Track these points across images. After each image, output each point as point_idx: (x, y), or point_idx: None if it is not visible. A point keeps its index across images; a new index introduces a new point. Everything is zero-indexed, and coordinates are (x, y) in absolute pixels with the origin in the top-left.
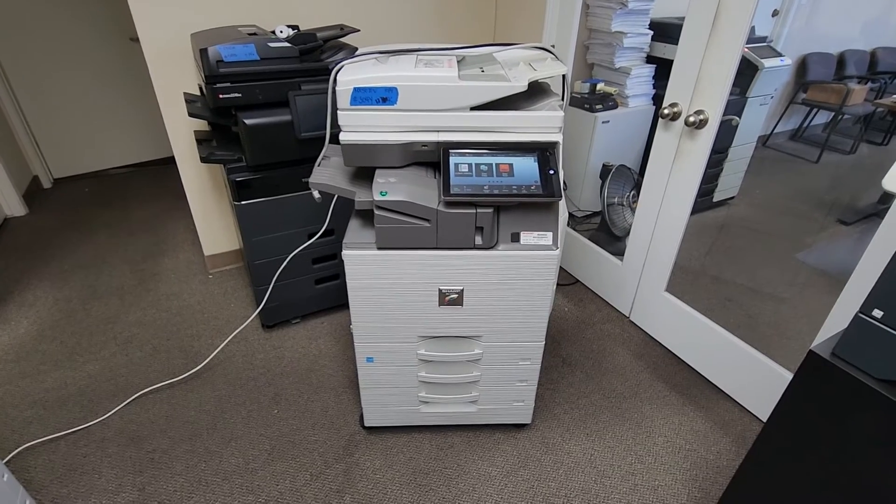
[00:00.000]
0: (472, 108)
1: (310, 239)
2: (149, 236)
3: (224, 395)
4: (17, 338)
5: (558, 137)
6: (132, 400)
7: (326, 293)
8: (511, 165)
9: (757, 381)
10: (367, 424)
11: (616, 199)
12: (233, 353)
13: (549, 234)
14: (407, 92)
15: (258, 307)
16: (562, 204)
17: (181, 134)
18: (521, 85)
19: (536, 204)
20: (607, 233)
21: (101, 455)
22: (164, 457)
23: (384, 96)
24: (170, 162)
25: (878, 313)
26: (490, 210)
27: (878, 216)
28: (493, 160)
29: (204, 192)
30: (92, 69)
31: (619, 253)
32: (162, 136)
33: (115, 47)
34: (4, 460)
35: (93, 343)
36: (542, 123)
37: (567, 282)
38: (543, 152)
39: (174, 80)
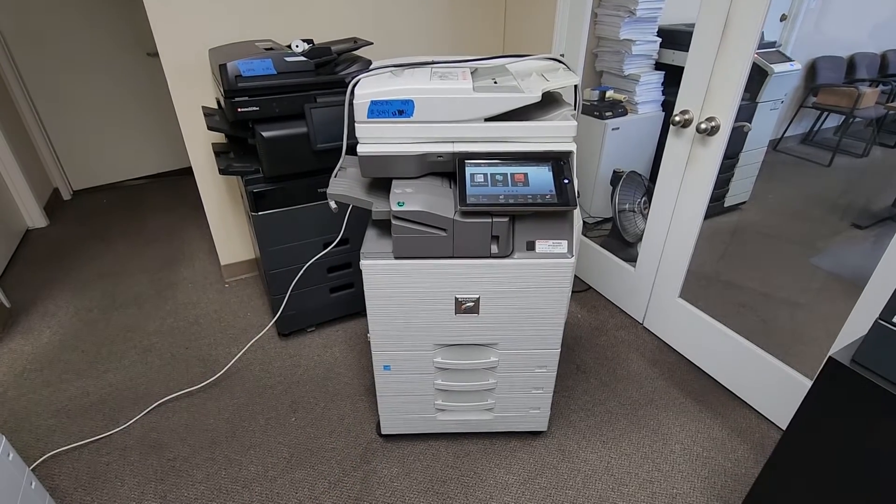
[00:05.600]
0: (487, 119)
1: (325, 248)
2: (166, 246)
3: (242, 403)
4: (40, 347)
5: (572, 147)
6: (152, 408)
7: (341, 301)
8: (526, 175)
9: (774, 387)
10: (383, 432)
11: (627, 206)
12: (250, 362)
13: (565, 243)
14: (423, 104)
15: (274, 316)
16: (576, 212)
17: (199, 146)
18: (534, 96)
19: (551, 212)
20: (619, 239)
21: (123, 463)
22: (184, 465)
23: (401, 109)
24: (185, 173)
25: None
26: (505, 219)
27: (893, 220)
28: (508, 170)
29: (220, 202)
30: (110, 83)
31: (631, 259)
32: (177, 148)
33: (132, 61)
34: (30, 468)
35: (113, 352)
36: (555, 133)
37: (580, 288)
38: (557, 161)
39: (192, 94)
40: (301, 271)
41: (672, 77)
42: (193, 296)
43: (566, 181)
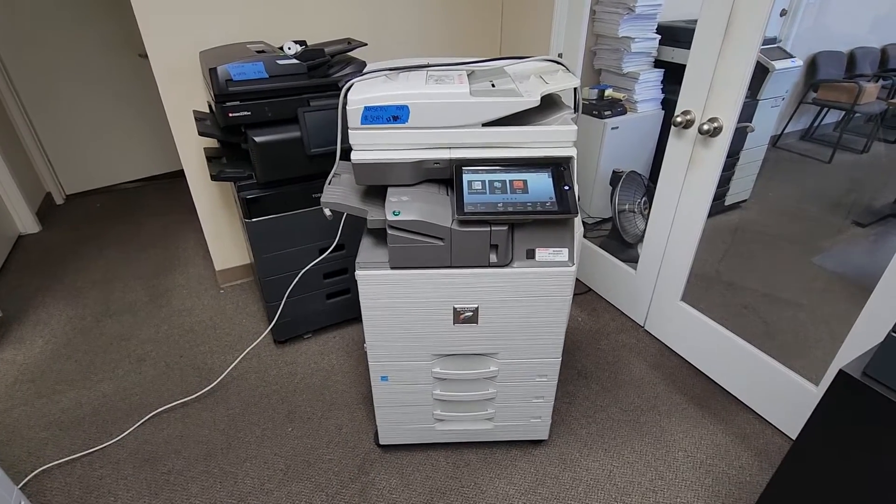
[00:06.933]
0: (485, 124)
1: (321, 254)
2: (160, 251)
3: (238, 413)
4: (33, 357)
5: (572, 152)
6: (147, 419)
7: (338, 307)
8: (525, 182)
9: (777, 392)
10: (382, 442)
11: (627, 206)
12: (246, 370)
13: (565, 251)
14: (418, 110)
15: (270, 322)
16: (577, 219)
17: (191, 150)
18: (533, 100)
19: (552, 220)
20: (618, 240)
21: (116, 477)
22: (179, 478)
23: (395, 114)
24: (180, 175)
25: None
26: (504, 228)
27: (894, 217)
28: (507, 176)
29: (214, 207)
30: (102, 85)
31: (631, 259)
32: (171, 150)
33: (124, 63)
34: (20, 484)
35: (107, 361)
36: (555, 138)
37: (580, 291)
38: (557, 167)
39: (183, 97)
40: (296, 278)
41: (672, 75)
42: (188, 302)
43: (566, 187)
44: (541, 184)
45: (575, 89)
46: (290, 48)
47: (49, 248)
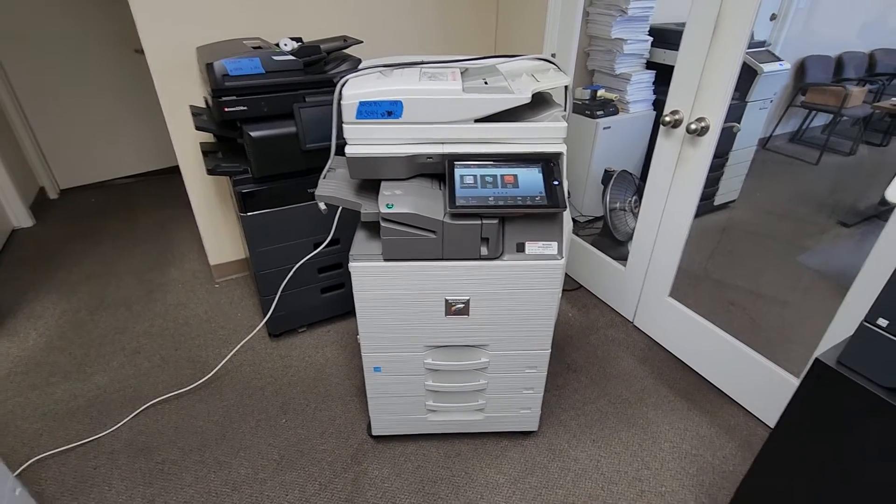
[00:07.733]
0: (477, 120)
1: (316, 248)
2: (155, 246)
3: (232, 404)
4: (27, 350)
5: (562, 148)
6: (141, 411)
7: (332, 302)
8: (516, 176)
9: (761, 385)
10: (374, 433)
11: (618, 205)
12: (240, 363)
13: (555, 244)
14: (412, 105)
15: (265, 316)
16: (566, 213)
17: (187, 145)
18: (524, 97)
19: (541, 214)
20: (610, 238)
21: (111, 467)
22: (173, 468)
23: (389, 110)
24: (174, 171)
25: (883, 322)
26: (495, 221)
27: (878, 218)
28: (498, 171)
29: (209, 201)
30: (97, 80)
31: (622, 257)
32: (166, 146)
33: (120, 58)
34: (15, 473)
35: (101, 354)
36: (545, 134)
37: (571, 287)
38: (548, 163)
39: (179, 92)
40: (291, 272)
41: (663, 76)
42: (183, 296)
43: (556, 183)
44: (531, 179)
45: (566, 87)
46: (286, 45)
47: (43, 243)
